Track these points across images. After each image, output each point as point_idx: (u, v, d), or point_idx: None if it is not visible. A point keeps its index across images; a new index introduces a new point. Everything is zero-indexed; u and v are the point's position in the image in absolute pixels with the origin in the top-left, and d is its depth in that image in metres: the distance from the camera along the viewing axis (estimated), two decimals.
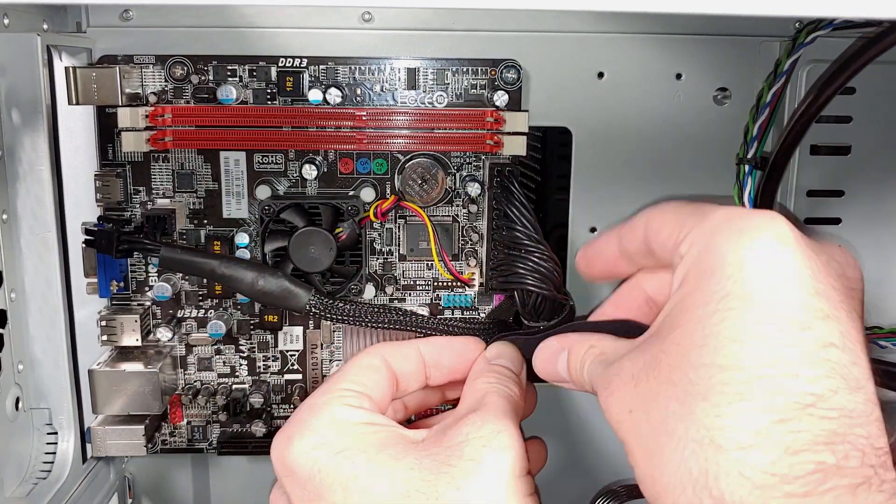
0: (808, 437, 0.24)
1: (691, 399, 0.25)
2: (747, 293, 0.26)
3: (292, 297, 0.42)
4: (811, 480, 0.23)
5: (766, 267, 0.26)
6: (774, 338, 0.25)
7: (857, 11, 0.26)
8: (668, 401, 0.26)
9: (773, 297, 0.26)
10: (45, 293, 0.43)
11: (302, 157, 0.45)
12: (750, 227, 0.27)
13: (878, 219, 0.49)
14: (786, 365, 0.25)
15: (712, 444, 0.24)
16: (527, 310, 0.44)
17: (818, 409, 0.24)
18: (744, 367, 0.25)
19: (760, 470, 0.23)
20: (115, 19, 0.44)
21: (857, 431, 0.24)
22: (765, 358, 0.25)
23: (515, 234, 0.43)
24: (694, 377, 0.26)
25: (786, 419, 0.24)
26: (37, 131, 0.41)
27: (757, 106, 0.43)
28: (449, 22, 0.45)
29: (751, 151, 0.42)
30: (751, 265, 0.27)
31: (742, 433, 0.24)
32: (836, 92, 0.39)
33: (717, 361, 0.25)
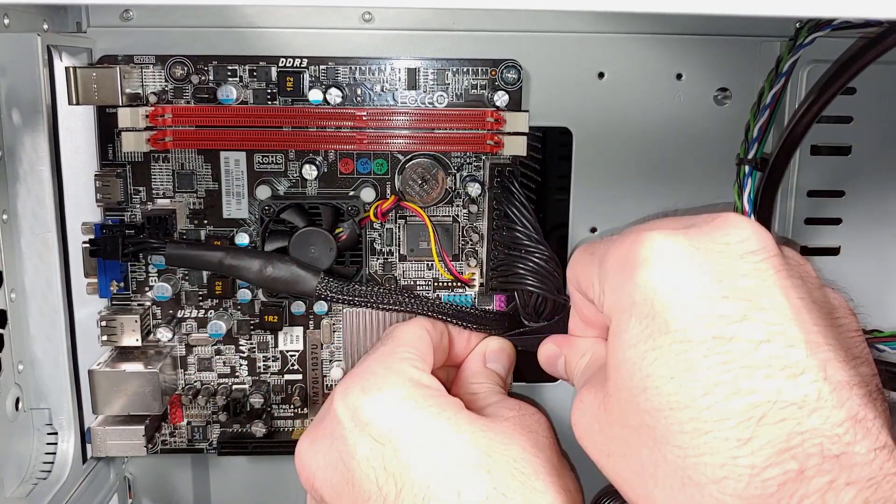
0: (769, 451, 0.24)
1: (659, 445, 0.26)
2: (666, 324, 0.26)
3: (302, 281, 0.42)
4: (784, 493, 0.23)
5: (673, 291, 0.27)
6: (703, 363, 0.25)
7: (858, 12, 0.26)
8: (640, 448, 0.27)
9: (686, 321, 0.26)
10: (45, 293, 0.43)
11: (302, 158, 0.45)
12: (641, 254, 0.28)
13: (879, 219, 0.49)
14: (724, 386, 0.25)
15: (691, 482, 0.25)
16: (527, 310, 0.44)
17: (769, 416, 0.24)
18: (688, 404, 0.25)
19: (738, 496, 0.24)
20: (116, 19, 0.44)
21: (811, 422, 0.24)
22: (702, 387, 0.25)
23: (515, 234, 0.43)
24: (651, 422, 0.26)
25: (744, 439, 0.24)
26: (37, 131, 0.41)
27: (758, 106, 0.43)
28: (449, 22, 0.45)
29: (751, 152, 0.42)
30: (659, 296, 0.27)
31: (712, 469, 0.25)
32: (836, 92, 0.39)
33: (663, 403, 0.26)
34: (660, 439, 0.26)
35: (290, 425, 0.49)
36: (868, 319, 0.49)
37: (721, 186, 0.46)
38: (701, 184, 0.47)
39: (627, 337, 0.28)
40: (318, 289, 0.42)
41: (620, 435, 0.28)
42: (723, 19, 0.45)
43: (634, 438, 0.27)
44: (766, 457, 0.24)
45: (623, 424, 0.28)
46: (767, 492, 0.23)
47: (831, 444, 0.24)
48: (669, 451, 0.26)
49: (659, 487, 0.26)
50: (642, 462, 0.27)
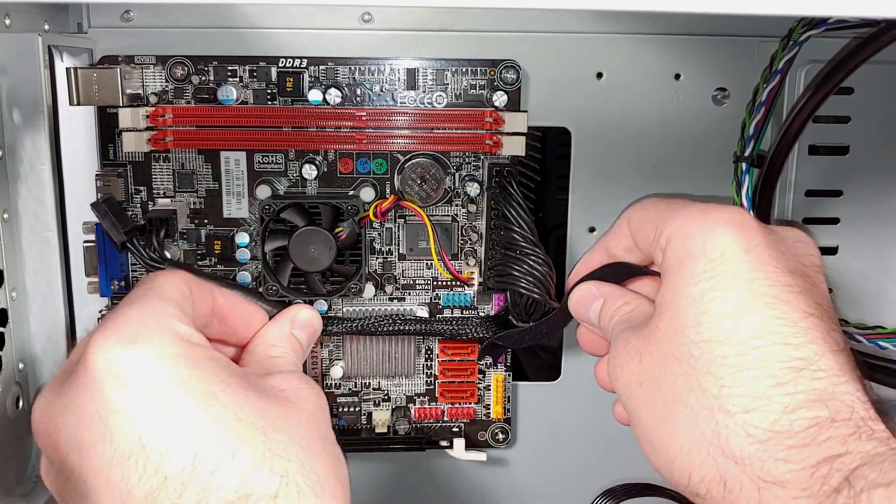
0: (803, 397, 0.27)
1: (697, 373, 0.29)
2: (733, 272, 0.29)
3: None
4: (809, 434, 0.26)
5: (745, 250, 0.30)
6: (762, 312, 0.29)
7: (855, 11, 0.26)
8: (676, 376, 0.30)
9: (755, 275, 0.29)
10: (45, 292, 0.43)
11: (302, 157, 0.45)
12: (722, 217, 0.31)
13: (877, 218, 0.49)
14: (775, 335, 0.28)
15: (721, 409, 0.28)
16: (517, 310, 0.44)
17: (808, 371, 0.27)
18: (739, 342, 0.28)
19: (764, 428, 0.27)
20: (116, 20, 0.44)
21: (844, 388, 0.27)
22: (756, 331, 0.28)
23: (512, 235, 0.43)
24: (696, 352, 0.29)
25: (782, 382, 0.27)
26: (38, 131, 0.42)
27: (753, 104, 0.43)
28: (448, 22, 0.45)
29: (748, 150, 0.42)
30: (731, 249, 0.30)
31: (745, 399, 0.27)
32: (832, 90, 0.39)
33: (715, 337, 0.29)
34: (701, 368, 0.29)
35: None
36: (868, 316, 0.49)
37: (719, 186, 0.46)
38: (699, 183, 0.47)
39: (690, 275, 0.30)
40: None
41: (659, 364, 0.30)
42: (721, 19, 0.45)
43: (673, 367, 0.30)
44: (800, 401, 0.27)
45: (665, 355, 0.30)
46: (794, 429, 0.26)
47: (861, 408, 0.27)
48: (707, 380, 0.28)
49: (686, 412, 0.29)
50: (676, 389, 0.29)
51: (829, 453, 0.26)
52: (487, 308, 0.48)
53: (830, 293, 0.33)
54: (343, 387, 0.49)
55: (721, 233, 0.31)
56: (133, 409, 0.28)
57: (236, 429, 0.28)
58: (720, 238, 0.30)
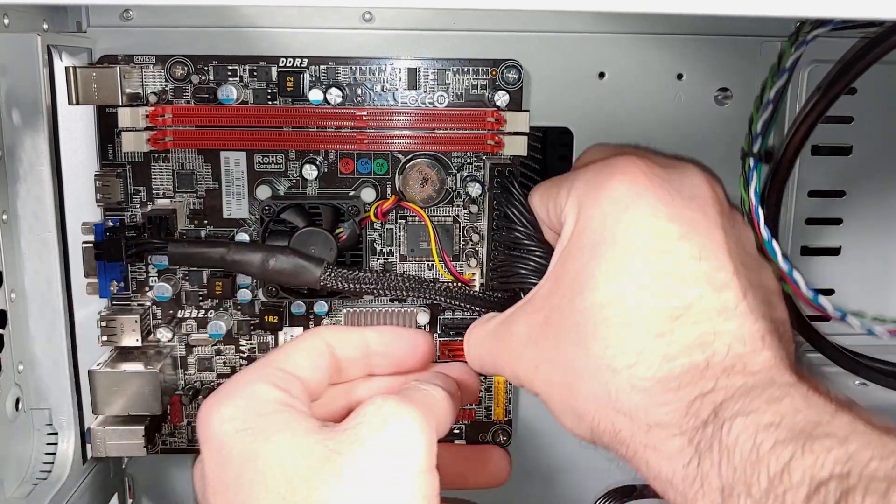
0: (681, 344, 0.28)
1: (584, 339, 0.30)
2: (612, 236, 0.30)
3: (305, 271, 0.42)
4: (686, 377, 0.27)
5: (624, 211, 0.31)
6: (640, 268, 0.29)
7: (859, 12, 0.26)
8: (567, 346, 0.31)
9: (633, 233, 0.30)
10: (45, 293, 0.43)
11: (302, 158, 0.45)
12: (605, 180, 0.32)
13: (880, 219, 0.49)
14: (653, 288, 0.29)
15: (608, 369, 0.29)
16: None
17: (686, 317, 0.28)
18: (619, 301, 0.29)
19: (646, 379, 0.28)
20: (116, 19, 0.44)
21: (727, 326, 0.28)
22: (635, 286, 0.29)
23: (516, 234, 0.43)
24: (581, 319, 0.30)
25: (661, 333, 0.28)
26: (37, 131, 0.41)
27: (761, 101, 0.43)
28: (450, 22, 0.45)
29: (755, 146, 0.42)
30: (610, 213, 0.31)
31: (629, 354, 0.29)
32: (841, 91, 0.39)
33: (597, 300, 0.30)
34: (587, 335, 0.30)
35: None
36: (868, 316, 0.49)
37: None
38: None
39: (576, 248, 0.32)
40: (323, 278, 0.42)
41: (552, 342, 0.31)
42: (724, 19, 0.45)
43: (564, 340, 0.31)
44: (678, 349, 0.28)
45: (556, 331, 0.31)
46: (673, 374, 0.28)
47: (739, 345, 0.28)
48: (594, 344, 0.29)
49: (580, 380, 0.30)
50: (567, 360, 0.30)
51: (701, 391, 0.27)
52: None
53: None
54: None
55: (605, 199, 0.31)
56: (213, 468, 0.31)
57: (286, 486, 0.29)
58: (603, 205, 0.31)
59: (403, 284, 0.42)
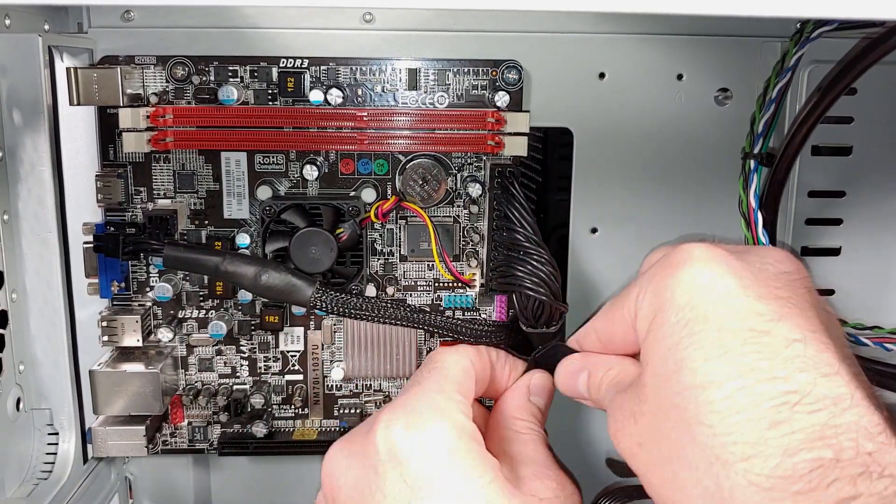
0: (802, 436, 0.24)
1: (687, 424, 0.27)
2: (704, 316, 0.28)
3: (296, 291, 0.42)
4: (814, 477, 0.24)
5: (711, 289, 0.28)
6: (740, 349, 0.26)
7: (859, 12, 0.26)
8: (670, 431, 0.28)
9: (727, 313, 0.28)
10: (46, 294, 0.43)
11: (303, 158, 0.45)
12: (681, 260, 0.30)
13: (880, 219, 0.49)
14: (759, 372, 0.26)
15: (718, 460, 0.25)
16: (525, 314, 0.44)
17: (803, 405, 0.25)
18: (721, 383, 0.26)
19: (766, 475, 0.24)
20: (117, 20, 0.44)
21: (846, 417, 0.25)
22: (737, 369, 0.26)
23: (515, 235, 0.43)
24: (680, 402, 0.27)
25: (777, 422, 0.25)
26: (38, 132, 0.41)
27: (763, 99, 0.43)
28: (450, 23, 0.45)
29: (756, 146, 0.42)
30: (698, 291, 0.29)
31: (741, 445, 0.25)
32: (842, 91, 0.39)
33: (696, 381, 0.27)
34: (689, 419, 0.27)
35: (290, 426, 0.49)
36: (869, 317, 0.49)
37: (722, 186, 0.46)
38: (702, 184, 0.47)
39: (665, 328, 0.29)
40: (313, 300, 0.42)
41: (651, 423, 0.29)
42: (724, 20, 0.45)
43: (664, 422, 0.28)
44: (799, 441, 0.24)
45: (655, 411, 0.29)
46: (798, 473, 0.24)
47: (866, 441, 0.24)
48: (699, 430, 0.26)
49: (685, 469, 0.27)
50: (671, 445, 0.28)
51: (839, 497, 0.24)
52: (489, 309, 0.48)
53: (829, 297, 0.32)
54: (344, 388, 0.49)
55: (686, 278, 0.29)
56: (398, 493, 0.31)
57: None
58: (685, 283, 0.29)
59: (393, 314, 0.42)
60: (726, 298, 0.28)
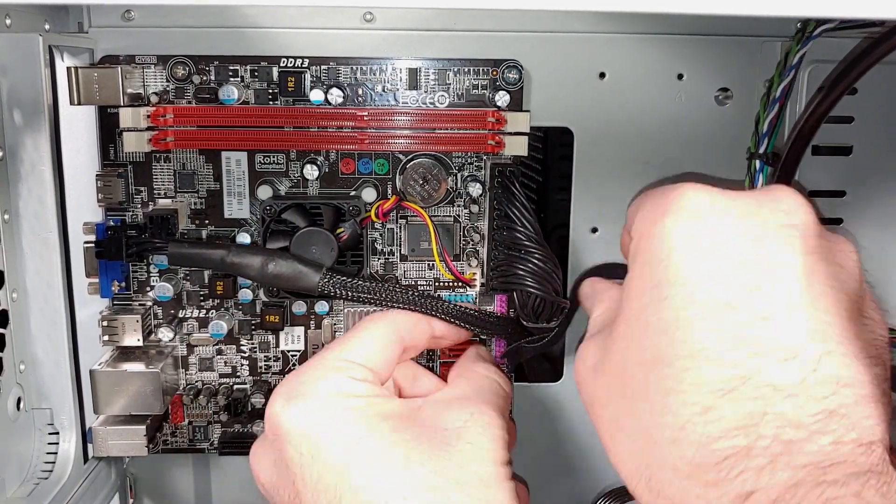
0: (725, 425, 0.23)
1: (633, 398, 0.26)
2: (675, 277, 0.26)
3: (304, 277, 0.42)
4: (724, 467, 0.23)
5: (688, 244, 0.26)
6: (699, 325, 0.25)
7: (859, 12, 0.26)
8: (618, 399, 0.27)
9: (696, 278, 0.25)
10: (46, 293, 0.43)
11: (303, 158, 0.45)
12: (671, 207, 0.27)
13: (880, 219, 0.49)
14: (709, 352, 0.24)
15: (649, 439, 0.25)
16: (526, 311, 0.44)
17: (740, 392, 0.23)
18: (671, 361, 0.25)
19: (686, 461, 0.24)
20: (117, 20, 0.44)
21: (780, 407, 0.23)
22: (688, 348, 0.25)
23: (515, 234, 0.43)
24: (635, 373, 0.26)
25: (708, 407, 0.24)
26: (38, 131, 0.41)
27: (767, 99, 0.43)
28: (450, 22, 0.45)
29: (762, 146, 0.42)
30: (676, 248, 0.26)
31: (671, 428, 0.24)
32: (845, 91, 0.39)
33: (650, 356, 0.26)
34: (635, 393, 0.26)
35: None
36: None
37: (722, 186, 0.46)
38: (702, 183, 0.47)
39: (637, 284, 0.27)
40: (321, 284, 0.42)
41: (607, 384, 0.29)
42: (724, 19, 0.45)
43: (617, 388, 0.28)
44: (720, 429, 0.23)
45: (612, 374, 0.28)
46: (712, 461, 0.23)
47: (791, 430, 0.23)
48: (640, 406, 0.26)
49: (626, 439, 0.27)
50: (618, 413, 0.27)
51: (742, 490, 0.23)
52: (489, 309, 0.48)
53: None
54: None
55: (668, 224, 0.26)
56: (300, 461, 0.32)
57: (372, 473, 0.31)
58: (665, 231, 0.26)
59: (402, 297, 0.42)
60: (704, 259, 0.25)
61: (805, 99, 0.44)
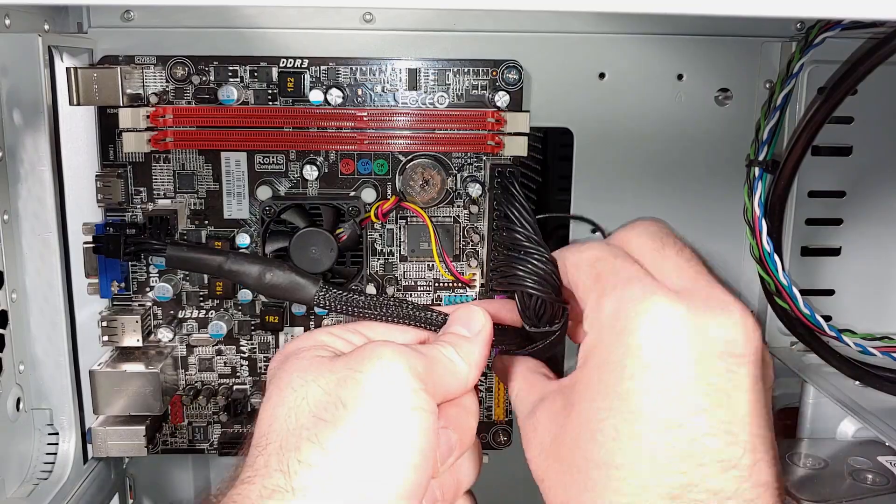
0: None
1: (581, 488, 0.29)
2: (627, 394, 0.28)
3: (301, 289, 0.42)
4: None
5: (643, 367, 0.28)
6: (647, 437, 0.28)
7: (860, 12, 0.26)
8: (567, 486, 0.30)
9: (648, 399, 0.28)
10: (46, 294, 0.43)
11: (303, 158, 0.45)
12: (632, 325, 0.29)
13: (880, 219, 0.49)
14: (656, 463, 0.28)
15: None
16: (527, 313, 0.43)
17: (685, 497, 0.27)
18: (620, 466, 0.28)
19: None
20: (117, 20, 0.44)
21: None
22: (638, 456, 0.28)
23: (515, 235, 0.43)
24: (583, 468, 0.29)
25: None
26: (38, 132, 0.41)
27: (768, 107, 0.43)
28: (450, 23, 0.45)
29: (762, 154, 0.42)
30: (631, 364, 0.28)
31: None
32: (846, 94, 0.38)
33: (600, 458, 0.29)
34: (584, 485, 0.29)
35: None
36: (868, 318, 0.49)
37: (722, 186, 0.46)
38: (702, 184, 0.47)
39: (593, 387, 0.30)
40: (317, 298, 0.42)
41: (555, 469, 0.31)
42: (724, 20, 0.45)
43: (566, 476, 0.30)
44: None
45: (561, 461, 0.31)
46: None
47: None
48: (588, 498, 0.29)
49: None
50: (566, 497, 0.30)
51: None
52: None
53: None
54: None
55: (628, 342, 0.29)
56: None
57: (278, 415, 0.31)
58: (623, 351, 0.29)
59: (399, 312, 0.42)
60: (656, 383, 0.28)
61: (805, 100, 0.44)
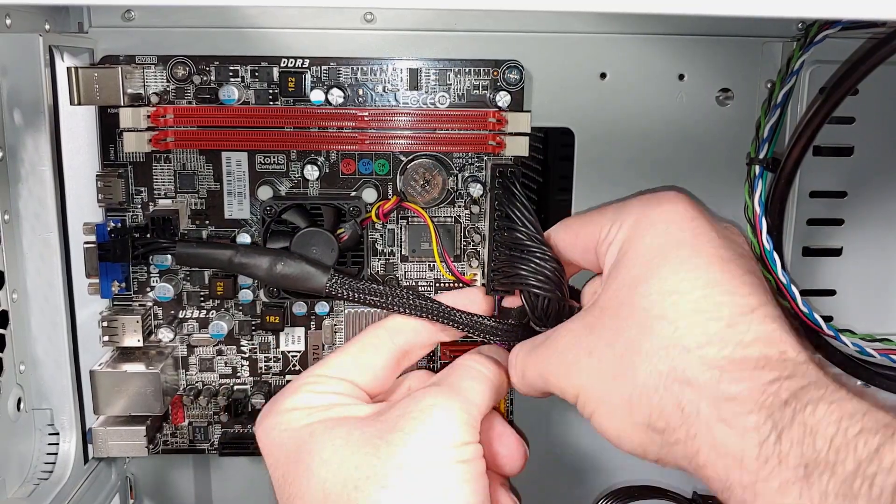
0: (754, 336, 0.29)
1: (649, 321, 0.31)
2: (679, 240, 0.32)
3: (312, 277, 0.42)
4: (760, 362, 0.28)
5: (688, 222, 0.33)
6: (706, 268, 0.31)
7: (860, 12, 0.26)
8: (628, 330, 0.31)
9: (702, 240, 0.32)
10: (46, 294, 0.43)
11: (304, 158, 0.45)
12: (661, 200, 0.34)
13: (882, 220, 0.49)
14: (722, 285, 0.31)
15: (677, 346, 0.29)
16: (536, 313, 0.43)
17: (757, 315, 0.30)
18: (688, 291, 0.30)
19: (720, 358, 0.29)
20: (117, 20, 0.44)
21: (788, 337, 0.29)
22: (705, 282, 0.31)
23: (517, 235, 0.43)
24: (648, 304, 0.31)
25: (733, 324, 0.29)
26: (39, 132, 0.41)
27: (769, 105, 0.42)
28: (451, 23, 0.45)
29: (762, 152, 0.42)
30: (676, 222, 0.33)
31: (701, 336, 0.29)
32: (846, 93, 0.38)
33: (665, 288, 0.31)
34: (655, 316, 0.31)
35: None
36: (868, 319, 0.49)
37: (723, 187, 0.46)
38: (703, 184, 0.47)
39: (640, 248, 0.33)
40: (329, 286, 0.42)
41: (609, 326, 0.32)
42: (725, 20, 0.45)
43: (624, 324, 0.32)
44: (751, 339, 0.29)
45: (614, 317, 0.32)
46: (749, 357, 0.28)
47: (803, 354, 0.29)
48: (662, 325, 0.30)
49: (641, 357, 0.30)
50: (629, 341, 0.31)
51: (780, 374, 0.28)
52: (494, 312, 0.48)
53: None
54: None
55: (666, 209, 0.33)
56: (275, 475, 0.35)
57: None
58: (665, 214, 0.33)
59: (410, 303, 0.41)
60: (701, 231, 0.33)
61: (806, 100, 0.44)
